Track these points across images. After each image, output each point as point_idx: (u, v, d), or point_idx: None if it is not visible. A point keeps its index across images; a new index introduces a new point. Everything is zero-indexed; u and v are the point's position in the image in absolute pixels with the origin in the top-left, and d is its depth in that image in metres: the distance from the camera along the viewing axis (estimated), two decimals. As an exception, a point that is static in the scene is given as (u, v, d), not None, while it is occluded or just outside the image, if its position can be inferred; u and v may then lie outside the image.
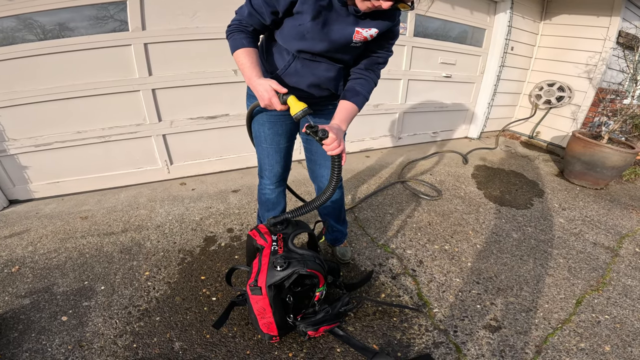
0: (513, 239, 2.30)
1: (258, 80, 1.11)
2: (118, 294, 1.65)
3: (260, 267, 1.17)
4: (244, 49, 1.14)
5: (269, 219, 1.37)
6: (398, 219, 2.49)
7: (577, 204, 2.92)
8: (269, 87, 1.09)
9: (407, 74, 3.63)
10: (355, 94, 1.28)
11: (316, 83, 1.30)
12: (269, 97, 1.09)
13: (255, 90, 1.13)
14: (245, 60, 1.14)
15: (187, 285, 1.73)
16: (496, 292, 1.78)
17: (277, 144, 1.49)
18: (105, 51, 2.32)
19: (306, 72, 1.26)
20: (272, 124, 1.43)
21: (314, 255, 1.23)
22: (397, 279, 1.86)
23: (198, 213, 2.44)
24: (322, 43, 1.17)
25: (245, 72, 1.14)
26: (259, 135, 1.48)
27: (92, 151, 2.61)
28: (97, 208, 2.46)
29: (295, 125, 1.51)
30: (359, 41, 1.18)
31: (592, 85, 3.95)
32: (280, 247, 1.24)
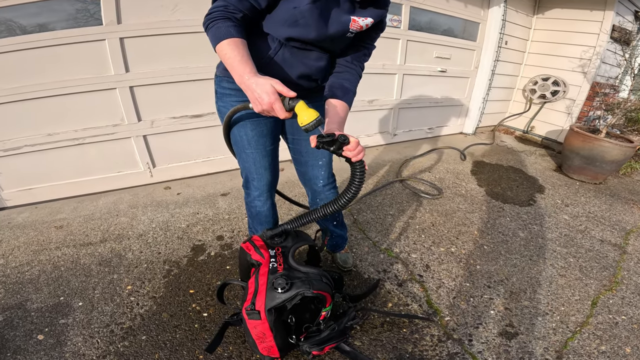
0: (520, 239, 2.22)
1: (255, 79, 0.88)
2: (98, 311, 1.50)
3: (258, 288, 1.00)
4: (232, 39, 0.90)
5: (264, 230, 1.20)
6: (400, 220, 2.37)
7: (579, 200, 2.87)
8: (271, 88, 0.87)
9: (402, 68, 3.52)
10: (345, 92, 1.16)
11: (307, 73, 1.14)
12: (270, 102, 0.87)
13: (249, 91, 0.90)
14: (234, 53, 0.90)
15: (175, 300, 1.58)
16: (509, 296, 1.70)
17: (264, 147, 1.29)
18: (77, 47, 2.13)
19: (295, 61, 1.09)
20: (255, 124, 1.22)
21: (320, 272, 1.07)
22: (404, 286, 1.75)
23: (184, 220, 2.26)
24: (317, 30, 1.01)
25: (235, 68, 0.90)
26: (240, 140, 1.25)
27: (66, 155, 2.42)
28: (73, 216, 2.28)
29: (278, 123, 1.32)
30: (355, 30, 1.07)
31: (586, 80, 3.94)
32: (279, 264, 1.07)
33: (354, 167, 0.97)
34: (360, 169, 0.97)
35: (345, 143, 0.92)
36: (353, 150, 0.94)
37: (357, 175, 0.97)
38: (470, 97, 4.41)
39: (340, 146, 0.94)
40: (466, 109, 4.50)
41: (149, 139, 2.59)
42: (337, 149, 0.94)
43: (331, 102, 1.13)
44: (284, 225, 1.18)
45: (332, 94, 1.15)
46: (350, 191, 0.99)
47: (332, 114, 1.10)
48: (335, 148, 0.94)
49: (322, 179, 1.46)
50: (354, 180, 0.98)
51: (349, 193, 0.99)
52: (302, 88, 1.18)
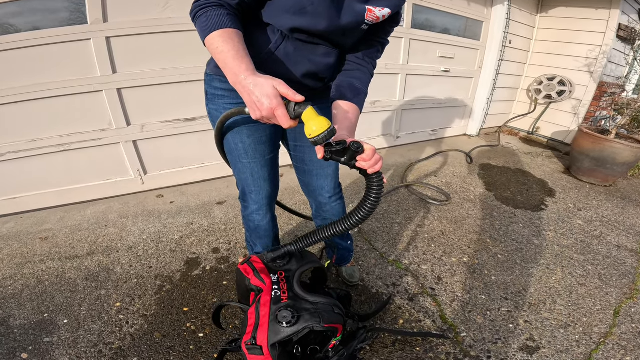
0: (535, 246, 2.11)
1: (253, 79, 0.72)
2: (84, 329, 1.41)
3: (259, 320, 0.86)
4: (225, 30, 0.75)
5: (264, 253, 1.05)
6: (407, 229, 2.24)
7: (591, 203, 2.77)
8: (273, 91, 0.71)
9: (405, 68, 3.41)
10: (356, 93, 1.00)
11: (313, 71, 0.99)
12: (272, 108, 0.71)
13: (246, 94, 0.74)
14: (227, 46, 0.74)
15: (168, 318, 1.47)
16: (528, 308, 1.60)
17: (262, 156, 1.15)
18: (60, 47, 2.00)
19: (300, 57, 0.94)
20: (252, 130, 1.08)
21: (331, 302, 0.92)
22: (415, 300, 1.63)
23: (178, 231, 2.12)
24: (328, 20, 0.86)
25: (229, 65, 0.74)
26: (235, 148, 1.11)
27: (52, 162, 2.28)
28: (60, 227, 2.16)
29: (279, 128, 1.17)
30: (371, 22, 0.91)
31: (593, 79, 3.85)
32: (283, 292, 0.92)
33: (371, 180, 0.82)
34: (378, 182, 0.81)
35: (358, 152, 0.77)
36: (369, 160, 0.79)
37: (373, 189, 0.82)
38: (474, 97, 4.30)
39: (353, 156, 0.79)
40: (470, 110, 4.40)
41: (139, 145, 2.44)
42: (349, 159, 0.80)
43: (340, 104, 0.97)
44: (287, 246, 1.03)
45: (340, 94, 0.99)
46: (364, 208, 0.84)
47: (341, 119, 0.94)
48: (347, 159, 0.80)
49: (328, 190, 1.33)
50: (369, 195, 0.83)
51: (364, 210, 0.84)
52: (307, 88, 1.03)
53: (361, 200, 0.85)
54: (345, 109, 0.96)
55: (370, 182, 0.82)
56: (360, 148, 0.77)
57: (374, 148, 0.79)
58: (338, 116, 0.95)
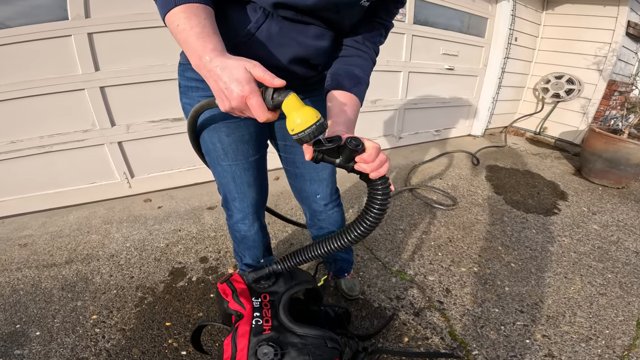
0: (550, 253, 1.97)
1: (221, 61, 0.56)
2: (57, 342, 1.33)
3: (236, 355, 0.70)
4: (189, 5, 0.60)
5: (245, 272, 0.89)
6: (412, 236, 2.09)
7: (605, 207, 2.63)
8: (244, 74, 0.56)
9: (408, 65, 3.27)
10: (356, 82, 0.83)
11: (303, 56, 0.82)
12: (243, 95, 0.56)
13: (211, 80, 0.58)
14: (190, 23, 0.59)
15: (148, 333, 1.36)
16: (546, 322, 1.49)
17: (245, 157, 0.99)
18: (39, 44, 1.90)
19: (286, 38, 0.78)
20: (232, 127, 0.92)
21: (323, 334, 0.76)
22: (422, 315, 1.50)
23: (164, 238, 1.99)
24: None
25: (191, 45, 0.59)
26: (213, 149, 0.96)
27: (33, 164, 2.16)
28: (40, 233, 2.05)
29: (265, 124, 1.01)
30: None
31: (602, 78, 3.74)
32: (266, 320, 0.76)
33: (374, 187, 0.66)
34: (383, 189, 0.65)
35: (358, 151, 0.61)
36: (371, 162, 0.63)
37: (377, 199, 0.65)
38: (479, 96, 4.17)
39: (351, 156, 0.62)
40: (475, 110, 4.26)
41: (125, 146, 2.31)
42: (346, 160, 0.63)
43: (335, 95, 0.80)
44: (273, 265, 0.86)
45: (336, 84, 0.81)
46: (365, 222, 0.67)
47: (336, 112, 0.77)
48: (343, 160, 0.64)
49: (323, 197, 1.17)
50: (372, 206, 0.67)
51: (365, 224, 0.68)
52: (296, 77, 0.87)
53: (362, 212, 0.69)
54: (341, 101, 0.79)
55: (373, 190, 0.66)
56: (360, 146, 0.61)
57: (378, 146, 0.63)
58: (333, 109, 0.78)
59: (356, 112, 0.81)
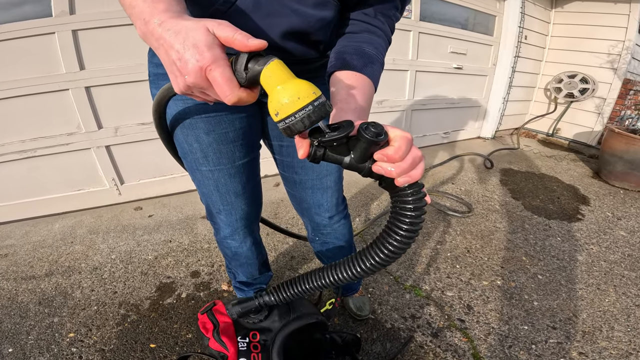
0: (580, 263, 1.81)
1: (175, 23, 0.39)
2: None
3: None
4: None
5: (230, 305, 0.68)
6: (426, 246, 1.92)
7: (629, 211, 2.46)
8: (206, 36, 0.38)
9: (415, 64, 3.13)
10: (368, 61, 0.63)
11: (301, 29, 0.64)
12: (202, 66, 0.38)
13: (162, 50, 0.40)
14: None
15: (130, 356, 1.25)
16: (582, 338, 1.37)
17: (230, 161, 0.80)
18: (20, 42, 1.80)
19: (278, 6, 0.60)
20: (213, 123, 0.75)
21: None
22: (441, 336, 1.35)
23: (153, 249, 1.84)
24: None
25: (137, 6, 0.42)
26: (190, 150, 0.78)
27: (15, 170, 2.04)
28: (22, 243, 1.95)
29: (256, 119, 0.83)
30: None
31: (617, 76, 3.61)
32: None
33: (402, 197, 0.44)
34: (415, 201, 0.44)
35: (378, 143, 0.41)
36: (399, 161, 0.42)
37: (406, 215, 0.44)
38: (489, 97, 4.02)
39: (368, 152, 0.42)
40: (484, 111, 4.12)
41: (113, 150, 2.17)
42: (359, 159, 0.43)
43: (340, 77, 0.60)
44: (265, 297, 0.65)
45: (342, 63, 0.62)
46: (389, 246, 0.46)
47: (343, 97, 0.57)
48: (355, 158, 0.43)
49: (328, 208, 0.98)
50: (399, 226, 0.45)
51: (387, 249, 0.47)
52: (293, 59, 0.67)
53: (383, 232, 0.48)
54: (349, 84, 0.59)
55: (401, 203, 0.45)
56: (382, 136, 0.40)
57: (409, 136, 0.43)
58: (339, 94, 0.58)
59: (369, 98, 0.61)
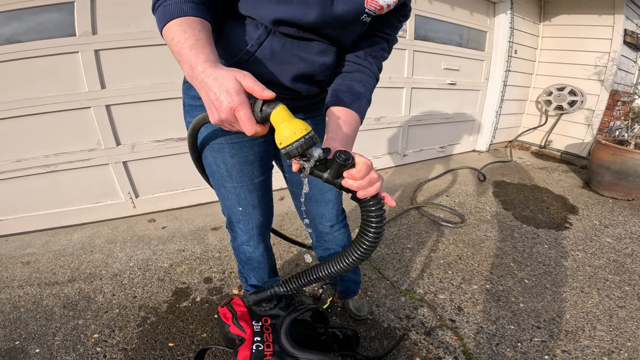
0: (565, 268, 1.93)
1: (213, 72, 0.55)
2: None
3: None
4: (185, 18, 0.60)
5: (247, 294, 0.86)
6: (420, 254, 2.04)
7: (616, 219, 2.59)
8: (234, 85, 0.54)
9: (410, 81, 3.28)
10: (356, 97, 0.80)
11: (307, 73, 0.80)
12: (232, 107, 0.54)
13: (203, 91, 0.57)
14: (185, 35, 0.59)
15: (150, 354, 1.34)
16: (565, 337, 1.46)
17: (250, 179, 0.97)
18: (46, 60, 1.91)
19: (289, 55, 0.77)
20: (237, 148, 0.91)
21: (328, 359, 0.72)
22: (433, 334, 1.46)
23: (168, 258, 1.96)
24: (318, 10, 0.70)
25: (185, 56, 0.58)
26: (217, 170, 0.94)
27: (37, 183, 2.17)
28: (43, 251, 2.05)
29: (270, 145, 1.00)
30: (372, 12, 0.74)
31: (604, 88, 3.71)
32: (267, 345, 0.73)
33: (366, 207, 0.62)
34: (376, 209, 0.61)
35: (346, 165, 0.58)
36: (359, 179, 0.59)
37: (371, 220, 0.61)
38: (482, 111, 4.16)
39: (339, 171, 0.59)
40: (478, 125, 4.25)
41: (129, 166, 2.31)
42: (334, 175, 0.60)
43: (333, 111, 0.77)
44: (275, 288, 0.84)
45: (336, 99, 0.79)
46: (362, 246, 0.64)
47: (333, 128, 0.74)
48: (331, 174, 0.60)
49: (329, 219, 1.14)
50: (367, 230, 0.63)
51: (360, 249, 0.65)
52: (300, 96, 0.86)
53: (357, 235, 0.66)
54: (339, 116, 0.76)
55: (365, 211, 0.62)
56: (349, 160, 0.57)
57: (369, 163, 0.60)
58: (330, 125, 0.76)
59: (354, 129, 0.78)
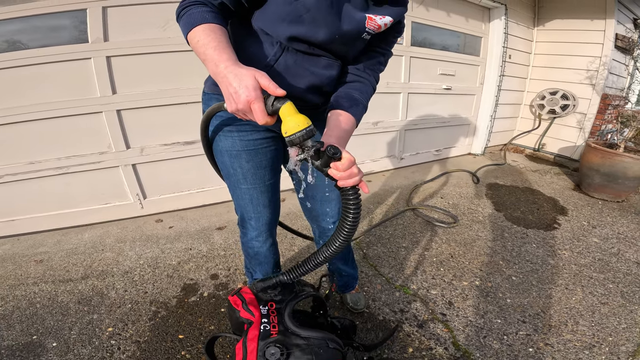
0: (551, 266, 2.01)
1: (234, 69, 0.66)
2: (74, 353, 1.37)
3: (247, 357, 0.78)
4: (208, 24, 0.72)
5: (254, 282, 0.97)
6: (414, 252, 2.14)
7: (605, 220, 2.67)
8: (253, 82, 0.65)
9: (407, 86, 3.39)
10: (353, 103, 0.93)
11: (316, 84, 0.93)
12: (249, 100, 0.65)
13: (224, 85, 0.68)
14: (208, 38, 0.70)
15: (162, 345, 1.41)
16: (549, 331, 1.53)
17: (262, 182, 1.08)
18: (60, 66, 2.00)
19: (301, 69, 0.89)
20: (252, 154, 1.02)
21: (325, 336, 0.83)
22: (425, 326, 1.54)
23: (175, 256, 2.06)
24: (326, 29, 0.82)
25: (209, 56, 0.69)
26: (233, 173, 1.06)
27: (50, 185, 2.26)
28: (55, 250, 2.13)
29: (279, 151, 1.11)
30: (372, 31, 0.87)
31: (595, 92, 3.79)
32: (273, 325, 0.84)
33: (345, 195, 0.74)
34: (353, 198, 0.73)
35: (333, 158, 0.69)
36: (341, 171, 0.70)
37: (350, 207, 0.74)
38: (477, 115, 4.26)
39: (328, 162, 0.71)
40: (474, 128, 4.35)
41: (138, 168, 2.41)
42: (323, 164, 0.71)
43: (333, 112, 0.91)
44: (279, 275, 0.95)
45: (336, 104, 0.93)
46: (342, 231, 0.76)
47: (332, 126, 0.87)
48: (321, 163, 0.71)
49: (332, 216, 1.25)
50: (346, 216, 0.75)
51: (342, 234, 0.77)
52: (310, 105, 0.99)
53: (339, 222, 0.78)
54: (337, 118, 0.89)
55: (344, 198, 0.74)
56: (336, 154, 0.69)
57: (352, 159, 0.71)
58: (329, 123, 0.89)
59: (349, 129, 0.90)
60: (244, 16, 0.86)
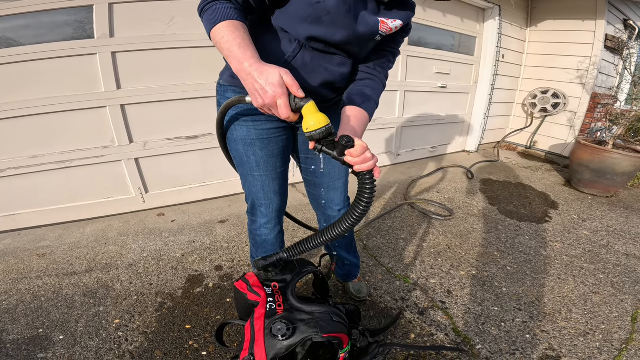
0: (544, 257, 2.09)
1: (259, 67, 0.71)
2: (81, 346, 1.37)
3: (255, 335, 0.82)
4: (231, 21, 0.75)
5: (256, 260, 1.01)
6: (413, 244, 2.21)
7: (594, 214, 2.77)
8: (278, 79, 0.70)
9: (404, 84, 3.45)
10: (366, 99, 1.00)
11: (330, 81, 0.99)
12: (275, 96, 0.70)
13: (249, 81, 0.72)
14: (232, 35, 0.74)
15: (169, 336, 1.43)
16: (544, 318, 1.58)
17: (274, 169, 1.14)
18: (65, 61, 2.01)
19: (317, 66, 0.95)
20: (265, 143, 1.07)
21: (329, 310, 0.87)
22: (426, 314, 1.60)
23: (179, 248, 2.08)
24: (344, 31, 0.88)
25: (234, 53, 0.73)
26: (247, 161, 1.10)
27: (52, 179, 2.25)
28: (58, 244, 2.13)
29: (290, 141, 1.17)
30: (384, 33, 0.93)
31: (585, 91, 3.89)
32: (279, 304, 0.89)
33: (361, 179, 0.80)
34: (369, 181, 0.79)
35: (348, 146, 0.75)
36: (357, 157, 0.76)
37: (366, 189, 0.79)
38: (472, 113, 4.35)
39: (343, 150, 0.77)
40: (468, 126, 4.43)
41: (141, 162, 2.42)
42: (339, 153, 0.78)
43: (347, 109, 0.97)
44: (281, 254, 0.99)
45: (350, 100, 0.99)
46: (357, 210, 0.81)
47: (345, 122, 0.93)
48: (337, 152, 0.78)
49: (338, 203, 1.32)
50: (362, 196, 0.80)
51: (356, 212, 0.81)
52: (323, 99, 1.05)
53: (353, 202, 0.83)
54: (351, 113, 0.95)
55: (361, 182, 0.80)
56: (350, 143, 0.75)
57: (365, 145, 0.77)
58: (343, 119, 0.95)
59: (363, 123, 0.96)
60: (263, 13, 0.91)
